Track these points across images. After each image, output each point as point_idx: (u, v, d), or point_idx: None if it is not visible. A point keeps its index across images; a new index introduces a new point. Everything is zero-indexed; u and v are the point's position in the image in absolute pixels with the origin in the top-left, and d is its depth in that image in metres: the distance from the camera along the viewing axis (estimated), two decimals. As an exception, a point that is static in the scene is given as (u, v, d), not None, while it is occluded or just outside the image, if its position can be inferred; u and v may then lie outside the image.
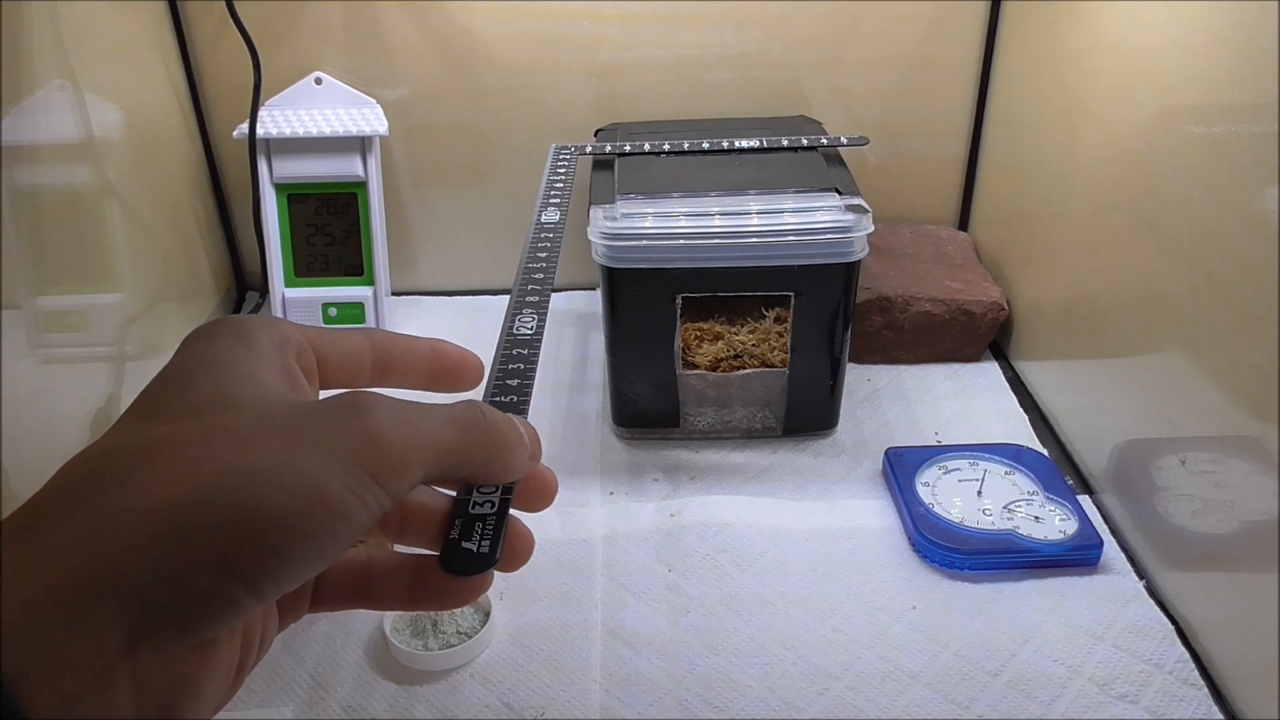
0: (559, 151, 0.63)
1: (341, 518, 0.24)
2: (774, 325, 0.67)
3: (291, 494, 0.23)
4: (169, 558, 0.22)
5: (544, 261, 0.43)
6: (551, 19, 0.81)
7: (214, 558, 0.22)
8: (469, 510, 0.28)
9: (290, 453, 0.24)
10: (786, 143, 0.72)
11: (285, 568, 0.23)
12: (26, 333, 0.60)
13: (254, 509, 0.23)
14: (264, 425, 0.25)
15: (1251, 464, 0.48)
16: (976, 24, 0.82)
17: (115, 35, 0.73)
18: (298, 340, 0.29)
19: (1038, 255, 0.74)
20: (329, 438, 0.25)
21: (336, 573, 0.30)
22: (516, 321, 0.37)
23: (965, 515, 0.59)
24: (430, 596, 0.29)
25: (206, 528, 0.22)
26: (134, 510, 0.22)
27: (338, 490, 0.24)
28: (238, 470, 0.24)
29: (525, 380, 0.33)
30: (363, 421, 0.25)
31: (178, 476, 0.23)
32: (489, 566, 0.28)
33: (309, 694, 0.51)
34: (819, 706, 0.49)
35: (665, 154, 0.72)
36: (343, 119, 0.80)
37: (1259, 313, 0.46)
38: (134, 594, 0.21)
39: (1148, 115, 0.57)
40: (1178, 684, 0.50)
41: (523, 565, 0.30)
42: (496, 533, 0.28)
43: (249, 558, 0.23)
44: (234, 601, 0.23)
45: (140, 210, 0.74)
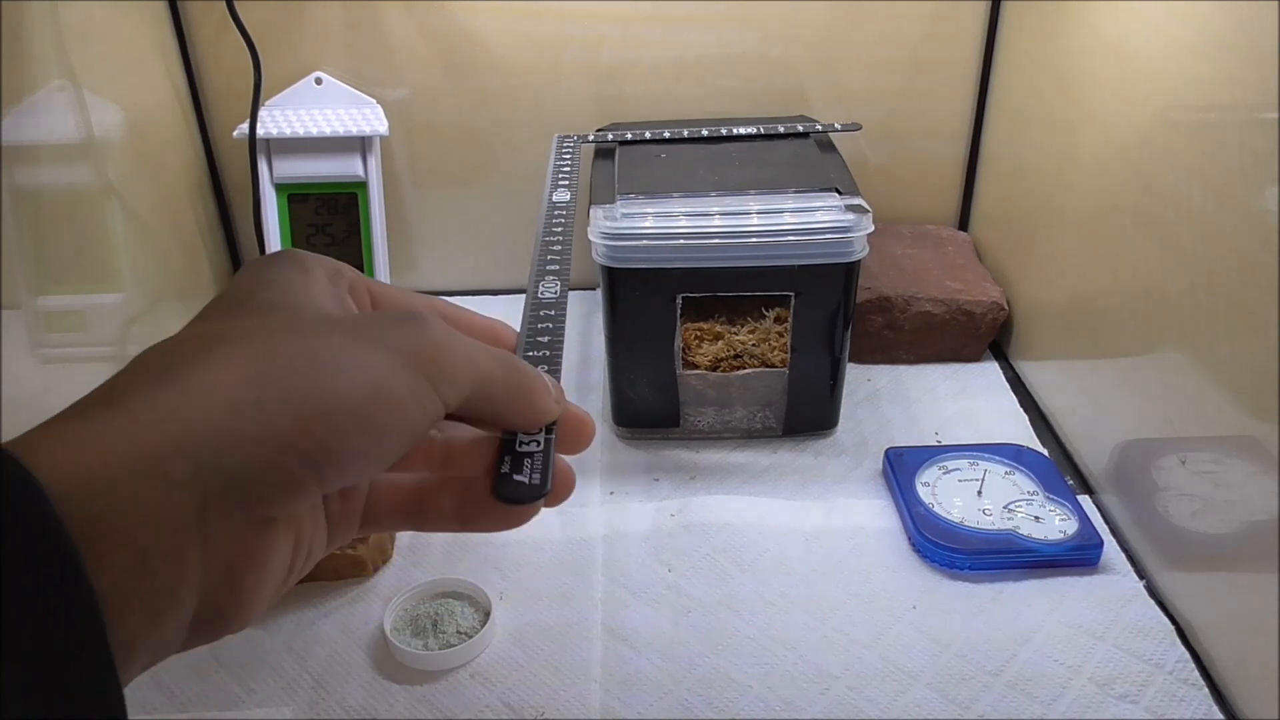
0: (562, 140, 0.65)
1: (400, 412, 0.25)
2: (774, 325, 0.67)
3: (355, 383, 0.25)
4: (240, 429, 0.23)
5: (559, 236, 0.45)
6: (552, 19, 0.81)
7: (282, 433, 0.23)
8: (517, 448, 0.30)
9: (353, 349, 0.25)
10: (783, 129, 0.73)
11: (346, 452, 0.24)
12: (26, 333, 0.60)
13: (321, 392, 0.24)
14: (328, 323, 0.27)
15: (1251, 464, 0.48)
16: (976, 24, 0.82)
17: (115, 35, 0.73)
18: (351, 277, 0.30)
19: (1038, 255, 0.74)
20: (389, 340, 0.26)
21: (388, 492, 0.31)
22: (540, 287, 0.39)
23: (965, 515, 0.59)
24: (481, 519, 0.31)
25: (276, 404, 0.24)
26: (208, 384, 0.23)
27: (397, 386, 0.25)
28: (306, 356, 0.25)
29: (555, 338, 0.35)
30: (420, 330, 0.27)
31: (250, 358, 0.24)
32: (541, 496, 0.29)
33: (310, 694, 0.51)
34: (819, 706, 0.49)
35: (663, 141, 0.73)
36: (343, 119, 0.80)
37: (1259, 313, 0.46)
38: (207, 460, 0.22)
39: (1148, 115, 0.57)
40: (1178, 684, 0.50)
41: (567, 498, 0.31)
42: (546, 467, 0.30)
43: (314, 436, 0.24)
44: (296, 480, 0.24)
45: (140, 210, 0.74)
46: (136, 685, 0.50)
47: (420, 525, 0.32)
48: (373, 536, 0.57)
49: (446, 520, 0.31)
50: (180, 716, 0.49)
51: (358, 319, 0.28)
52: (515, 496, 0.29)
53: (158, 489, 0.22)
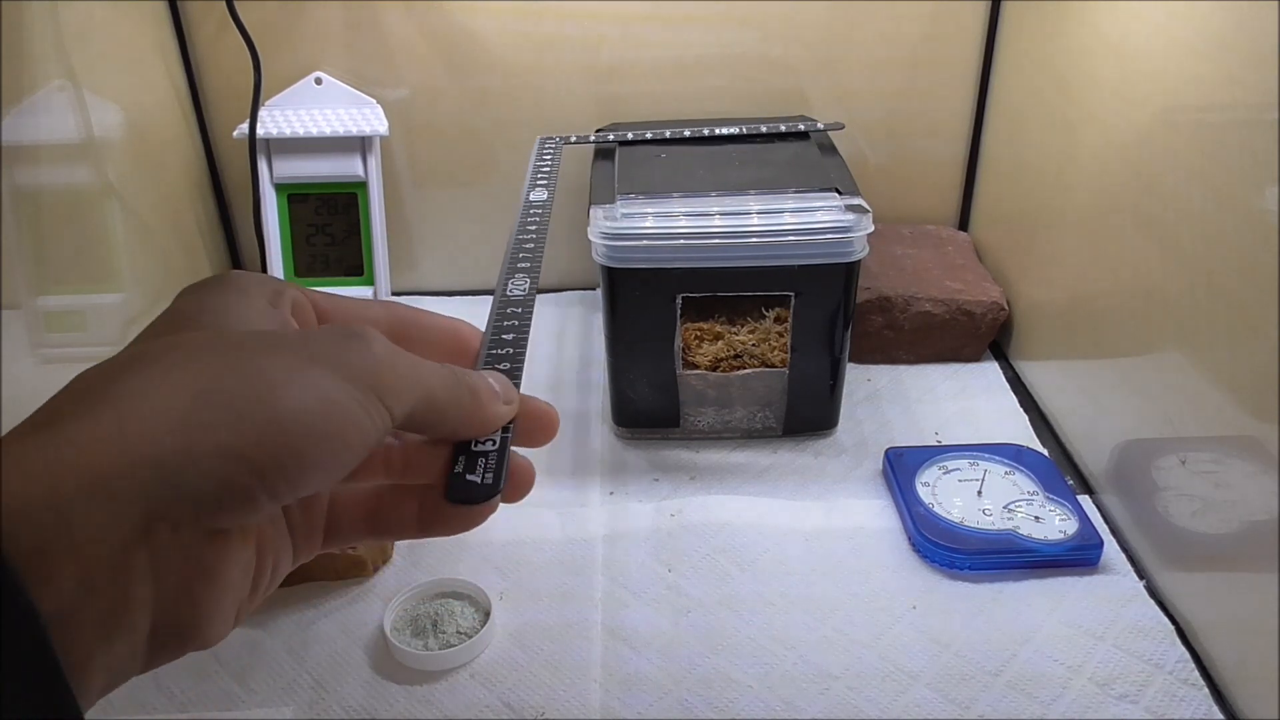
0: (544, 142, 0.65)
1: (349, 423, 0.25)
2: (774, 325, 0.67)
3: (303, 396, 0.25)
4: (187, 443, 0.23)
5: (533, 234, 0.45)
6: (552, 19, 0.81)
7: (231, 446, 0.23)
8: (471, 448, 0.30)
9: (300, 364, 0.25)
10: (765, 129, 0.74)
11: (299, 466, 0.24)
12: (26, 333, 0.60)
13: (269, 405, 0.24)
14: (268, 339, 0.27)
15: (1251, 464, 0.48)
16: (976, 24, 0.82)
17: (115, 35, 0.73)
18: (294, 296, 0.30)
19: (1038, 255, 0.74)
20: (334, 356, 0.26)
21: (348, 504, 0.31)
22: (510, 284, 0.39)
23: (965, 515, 0.59)
24: (439, 523, 0.31)
25: (224, 418, 0.23)
26: (149, 400, 0.23)
27: (344, 399, 0.25)
28: (253, 371, 0.25)
29: (520, 335, 0.35)
30: (364, 345, 0.27)
31: (191, 372, 0.24)
32: (492, 496, 0.29)
33: (309, 694, 0.51)
34: (819, 706, 0.49)
35: (655, 142, 0.73)
36: (343, 119, 0.80)
37: (1259, 313, 0.46)
38: (153, 475, 0.22)
39: (1148, 115, 0.57)
40: (1178, 684, 0.50)
41: (525, 496, 0.31)
42: (499, 466, 0.30)
43: (265, 450, 0.24)
44: (246, 492, 0.24)
45: (140, 210, 0.74)
46: (136, 685, 0.50)
47: (382, 534, 0.32)
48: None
49: (407, 527, 0.31)
50: (180, 716, 0.49)
51: (299, 336, 0.28)
52: (467, 497, 0.29)
53: (102, 507, 0.22)
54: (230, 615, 0.26)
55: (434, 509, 0.31)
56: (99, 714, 0.24)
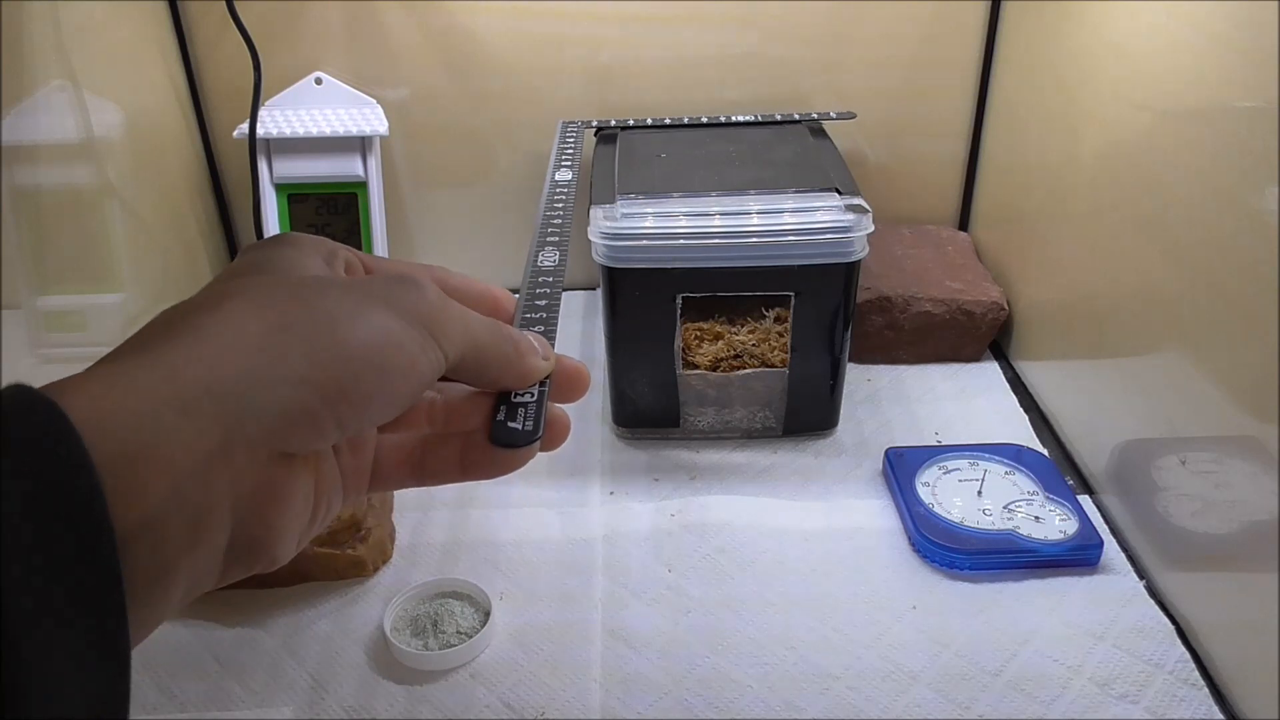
0: (566, 125, 0.68)
1: (408, 359, 0.28)
2: (774, 325, 0.67)
3: (368, 332, 0.27)
4: (261, 369, 0.25)
5: (560, 211, 0.47)
6: (552, 19, 0.81)
7: (302, 375, 0.25)
8: (512, 400, 0.32)
9: (360, 303, 0.27)
10: (780, 117, 0.77)
11: (363, 395, 0.26)
12: (26, 333, 0.60)
13: (337, 339, 0.26)
14: (332, 282, 0.29)
15: (1252, 464, 0.48)
16: (976, 24, 0.82)
17: (115, 35, 0.73)
18: (347, 255, 0.32)
19: (1038, 255, 0.74)
20: (394, 298, 0.28)
21: (393, 451, 0.33)
22: (540, 255, 0.41)
23: (965, 515, 0.59)
24: (480, 467, 0.32)
25: (296, 349, 0.25)
26: (228, 332, 0.25)
27: (406, 338, 0.28)
28: (322, 308, 0.27)
29: (553, 301, 0.37)
30: (419, 291, 0.29)
31: (266, 308, 0.26)
32: (533, 440, 0.31)
33: (309, 694, 0.51)
34: (819, 706, 0.49)
35: (664, 127, 0.77)
36: (343, 119, 0.80)
37: (1259, 313, 0.46)
38: (232, 398, 0.24)
39: (1148, 115, 0.57)
40: (1178, 684, 0.50)
41: (561, 444, 0.33)
42: (538, 415, 0.32)
43: (332, 378, 0.26)
44: (315, 418, 0.26)
45: (140, 210, 0.74)
46: (137, 685, 0.51)
47: (424, 479, 0.33)
48: (372, 537, 0.57)
49: (450, 471, 0.33)
50: (180, 716, 0.49)
51: (360, 281, 0.30)
52: (510, 441, 0.31)
53: (188, 422, 0.23)
54: (294, 538, 0.28)
55: (476, 454, 0.32)
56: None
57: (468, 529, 0.61)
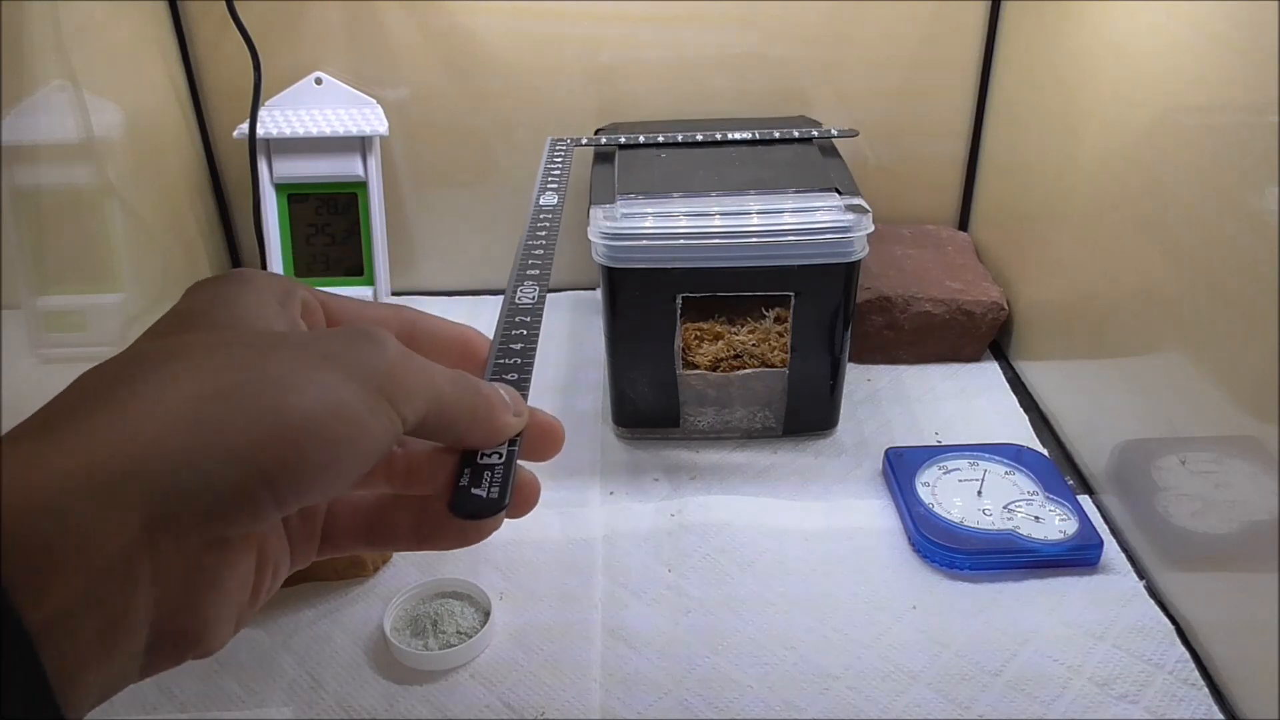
0: (555, 143, 0.65)
1: (360, 430, 0.25)
2: (774, 325, 0.67)
3: (315, 400, 0.24)
4: (192, 447, 0.22)
5: (543, 240, 0.44)
6: (552, 19, 0.81)
7: (239, 450, 0.23)
8: (477, 461, 0.29)
9: (309, 365, 0.25)
10: (778, 135, 0.73)
11: (306, 471, 0.24)
12: (26, 333, 0.60)
13: (277, 408, 0.23)
14: (283, 341, 0.26)
15: (1252, 464, 0.48)
16: (976, 24, 0.82)
17: (115, 35, 0.73)
18: (305, 297, 0.29)
19: (1038, 255, 0.74)
20: (344, 357, 0.25)
21: (345, 514, 0.31)
22: (518, 292, 0.39)
23: (965, 515, 0.59)
24: (438, 536, 0.30)
25: (230, 421, 0.23)
26: (156, 402, 0.22)
27: (356, 404, 0.25)
28: (260, 372, 0.24)
29: (529, 345, 0.35)
30: (374, 347, 0.26)
31: (199, 374, 0.23)
32: (498, 511, 0.28)
33: (309, 694, 0.51)
34: (819, 706, 0.49)
35: (660, 145, 0.72)
36: (343, 119, 0.80)
37: (1259, 313, 0.46)
38: (157, 480, 0.22)
39: (1148, 115, 0.57)
40: (1178, 684, 0.50)
41: (530, 511, 0.31)
42: (505, 480, 0.29)
43: (272, 454, 0.23)
44: (254, 499, 0.23)
45: (140, 210, 0.74)
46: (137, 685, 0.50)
47: (379, 545, 0.31)
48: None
49: (404, 539, 0.30)
50: (180, 716, 0.49)
51: (312, 336, 0.27)
52: (472, 511, 0.28)
53: (105, 512, 0.21)
54: (231, 623, 0.25)
55: (434, 521, 0.30)
56: (100, 714, 0.24)
57: (468, 529, 0.61)
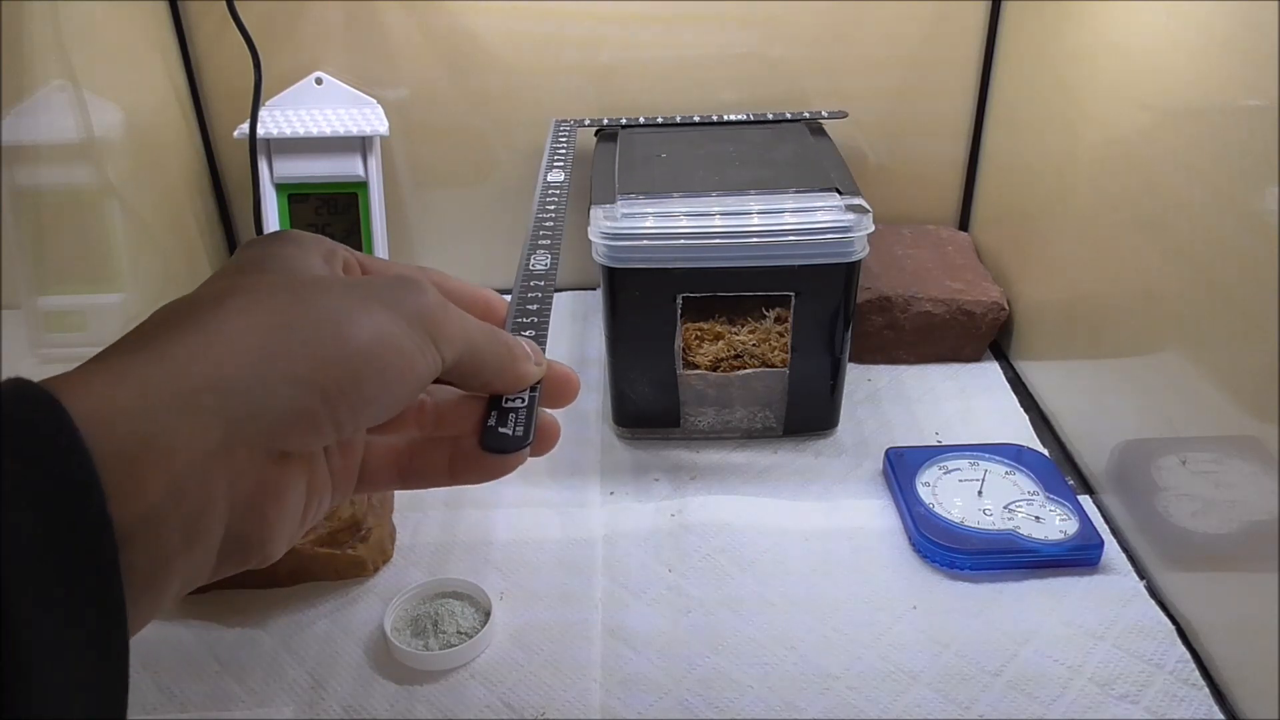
0: (559, 124, 0.68)
1: (406, 361, 0.28)
2: (774, 325, 0.67)
3: (367, 333, 0.27)
4: (263, 369, 0.25)
5: (553, 213, 0.47)
6: (552, 19, 0.81)
7: (301, 374, 0.25)
8: (502, 404, 0.32)
9: (361, 304, 0.27)
10: (771, 115, 0.77)
11: (361, 395, 0.27)
12: (26, 333, 0.60)
13: (337, 339, 0.26)
14: (335, 281, 0.29)
15: (1252, 464, 0.48)
16: (976, 24, 0.82)
17: (115, 35, 0.73)
18: (345, 255, 0.32)
19: (1038, 255, 0.74)
20: (393, 299, 0.28)
21: (382, 452, 0.33)
22: (532, 260, 0.41)
23: (966, 515, 0.59)
24: (469, 471, 0.32)
25: (296, 349, 0.26)
26: (230, 330, 0.25)
27: (403, 339, 0.28)
28: (321, 308, 0.27)
29: (544, 305, 0.37)
30: (419, 293, 0.29)
31: (268, 308, 0.26)
32: (523, 446, 0.31)
33: (309, 694, 0.51)
34: (820, 706, 0.49)
35: (659, 125, 0.76)
36: (343, 119, 0.80)
37: (1259, 313, 0.46)
38: (233, 396, 0.24)
39: (1148, 115, 0.57)
40: (1178, 684, 0.50)
41: (551, 449, 0.33)
42: (529, 420, 0.32)
43: (331, 378, 0.26)
44: (314, 418, 0.26)
45: (141, 210, 0.74)
46: (137, 685, 0.51)
47: (411, 483, 0.33)
48: (373, 537, 0.57)
49: (437, 475, 0.33)
50: (180, 716, 0.49)
51: (361, 281, 0.30)
52: (500, 446, 0.31)
53: (189, 420, 0.23)
54: (287, 536, 0.28)
55: (465, 458, 0.32)
56: (99, 714, 0.24)
57: (468, 529, 0.61)
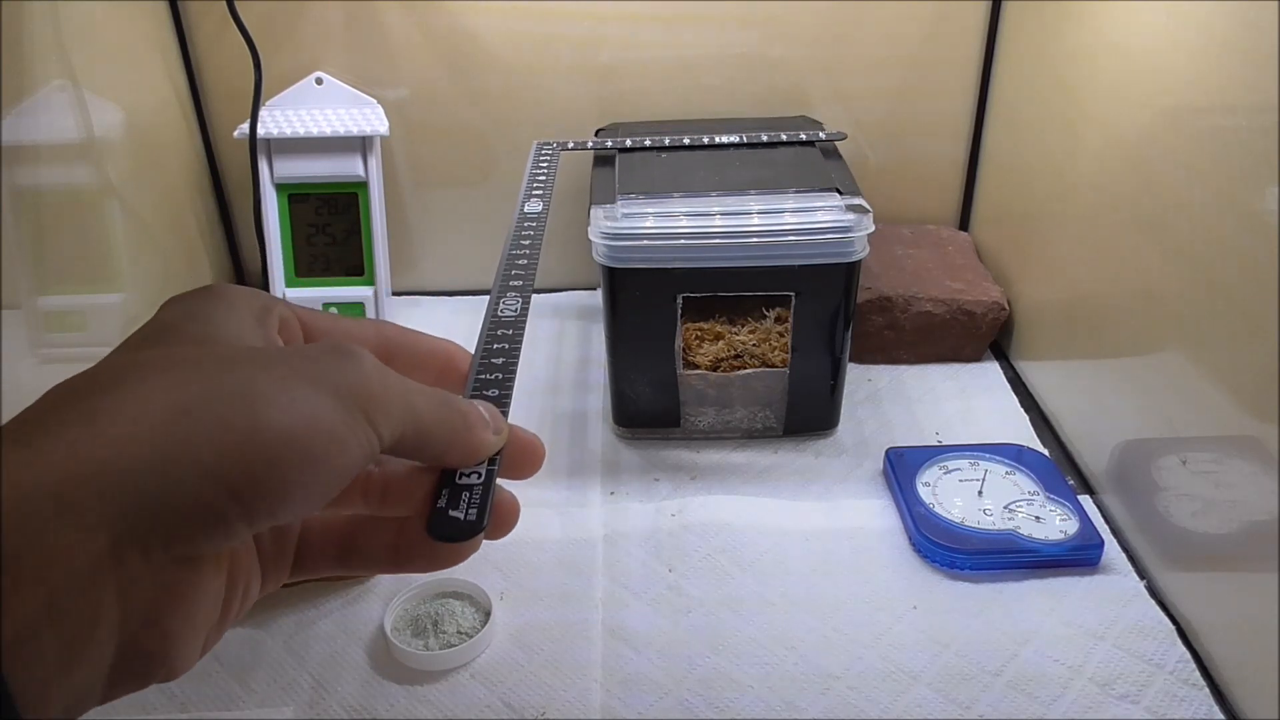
0: (541, 147, 0.64)
1: (335, 446, 0.24)
2: (775, 325, 0.67)
3: (288, 415, 0.23)
4: (161, 462, 0.22)
5: (527, 250, 0.44)
6: (552, 19, 0.81)
7: (209, 466, 0.22)
8: (455, 481, 0.29)
9: (284, 380, 0.24)
10: (765, 137, 0.72)
11: (280, 489, 0.23)
12: (27, 333, 0.60)
13: (251, 423, 0.23)
14: (255, 355, 0.25)
15: (1252, 464, 0.48)
16: (976, 24, 0.82)
17: (115, 35, 0.73)
18: (282, 313, 0.29)
19: (1038, 255, 0.74)
20: (320, 373, 0.25)
21: (318, 535, 0.30)
22: (501, 304, 0.38)
23: (966, 515, 0.59)
24: (415, 559, 0.29)
25: (201, 436, 0.22)
26: (126, 416, 0.22)
27: (331, 419, 0.24)
28: (233, 386, 0.23)
29: (510, 359, 0.34)
30: (352, 364, 0.26)
31: (171, 388, 0.23)
32: (476, 533, 0.28)
33: (310, 694, 0.51)
34: (820, 706, 0.49)
35: (651, 149, 0.72)
36: (343, 119, 0.80)
37: (1259, 313, 0.46)
38: (124, 495, 0.21)
39: (1148, 115, 0.57)
40: (1179, 684, 0.50)
41: (509, 533, 0.30)
42: (484, 501, 0.28)
43: (243, 470, 0.22)
44: (223, 516, 0.22)
45: (141, 210, 0.74)
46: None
47: (353, 566, 0.30)
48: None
49: (379, 561, 0.30)
50: (180, 716, 0.49)
51: (287, 352, 0.27)
52: (448, 534, 0.27)
53: (68, 528, 0.20)
54: (198, 645, 0.24)
55: (410, 543, 0.29)
56: (100, 714, 0.24)
57: (468, 529, 0.61)
